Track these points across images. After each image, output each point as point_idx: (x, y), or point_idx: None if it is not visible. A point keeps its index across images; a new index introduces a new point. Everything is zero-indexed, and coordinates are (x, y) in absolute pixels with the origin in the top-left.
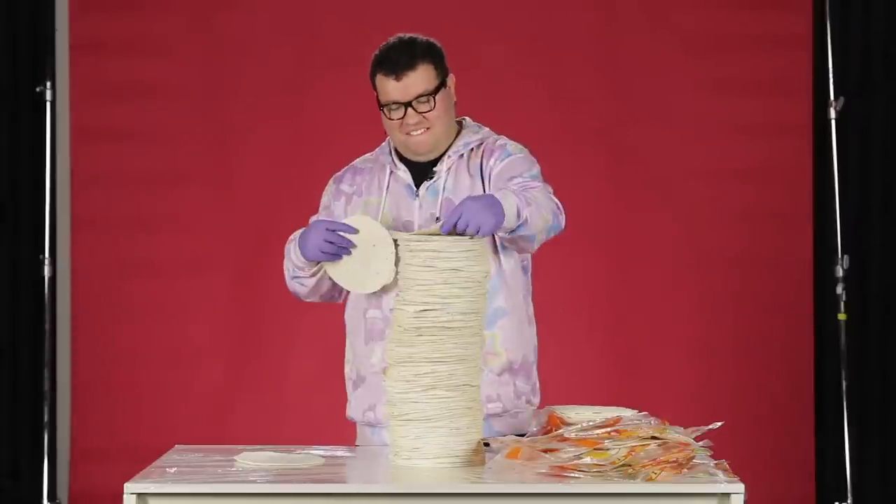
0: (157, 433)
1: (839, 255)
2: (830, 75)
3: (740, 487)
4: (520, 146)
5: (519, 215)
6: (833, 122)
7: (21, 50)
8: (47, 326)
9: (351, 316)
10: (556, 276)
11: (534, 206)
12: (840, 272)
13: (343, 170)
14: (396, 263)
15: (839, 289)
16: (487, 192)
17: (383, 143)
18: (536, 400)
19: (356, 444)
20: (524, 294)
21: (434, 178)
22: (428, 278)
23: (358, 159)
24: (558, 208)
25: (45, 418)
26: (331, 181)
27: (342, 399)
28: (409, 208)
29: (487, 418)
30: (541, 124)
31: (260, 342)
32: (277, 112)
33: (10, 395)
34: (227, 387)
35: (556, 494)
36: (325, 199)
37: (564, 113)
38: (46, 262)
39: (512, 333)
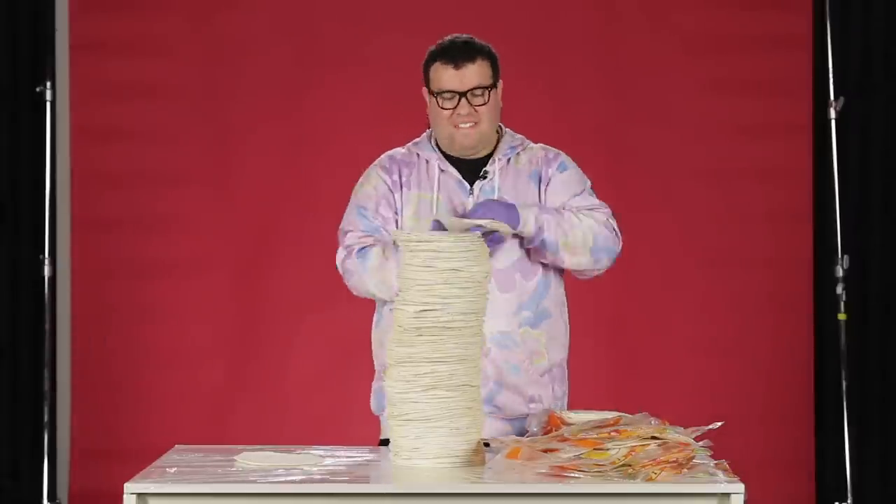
0: (157, 433)
1: (839, 255)
2: (830, 75)
3: (740, 487)
4: (568, 157)
5: (541, 229)
6: (833, 122)
7: (21, 50)
8: (47, 326)
9: (389, 309)
10: None
11: (568, 225)
12: (840, 272)
13: (384, 159)
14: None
15: (839, 289)
16: (544, 199)
17: (421, 139)
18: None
19: (380, 437)
20: (564, 300)
21: (488, 178)
22: (428, 278)
23: (393, 151)
24: (614, 232)
25: (45, 418)
26: (377, 169)
27: (342, 399)
28: (463, 205)
29: (529, 417)
30: (541, 124)
31: (260, 342)
32: (277, 112)
33: (10, 395)
34: (227, 387)
35: (556, 494)
36: (374, 190)
37: (564, 113)
38: (46, 262)
39: (555, 336)
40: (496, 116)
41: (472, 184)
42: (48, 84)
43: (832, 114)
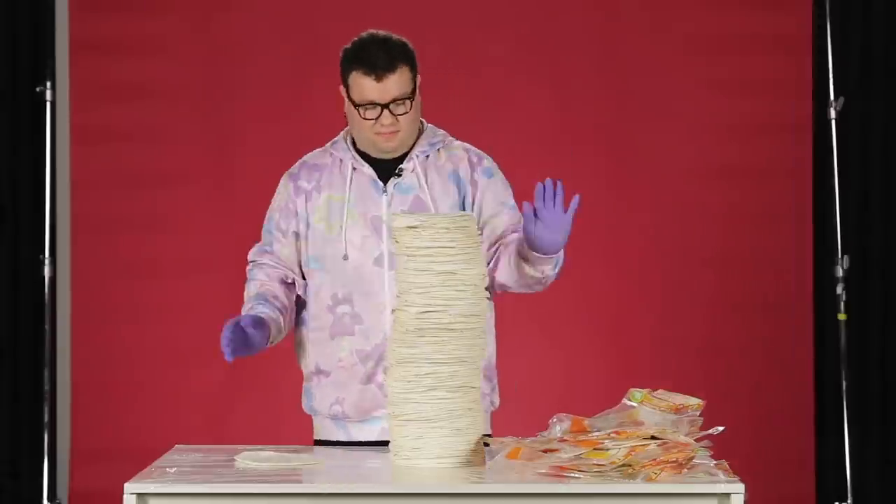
0: (157, 433)
1: (839, 255)
2: (830, 75)
3: (740, 487)
4: (492, 160)
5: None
6: (833, 122)
7: (21, 50)
8: (47, 326)
9: (313, 311)
10: None
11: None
12: (840, 272)
13: (296, 166)
14: None
15: (839, 289)
16: (469, 204)
17: (337, 138)
18: (498, 401)
19: (314, 437)
20: (488, 304)
21: (402, 176)
22: (424, 281)
23: (308, 155)
24: None
25: (45, 418)
26: (285, 179)
27: None
28: (376, 203)
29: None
30: (541, 124)
31: None
32: (277, 112)
33: (10, 395)
34: (227, 387)
35: (556, 494)
36: (280, 199)
37: (564, 113)
38: (46, 262)
39: None
40: (417, 118)
41: (385, 182)
42: (48, 84)
43: (832, 114)
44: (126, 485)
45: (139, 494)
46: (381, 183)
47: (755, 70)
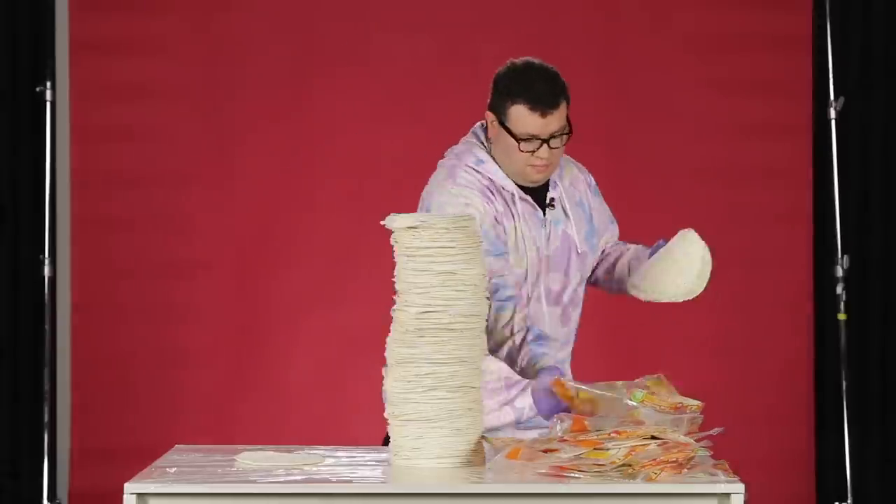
0: (157, 433)
1: (839, 255)
2: (830, 75)
3: (740, 487)
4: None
5: None
6: (833, 122)
7: (21, 50)
8: (47, 326)
9: None
10: None
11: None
12: (840, 272)
13: (473, 183)
14: None
15: (839, 289)
16: (589, 221)
17: (488, 164)
18: None
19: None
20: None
21: (555, 207)
22: (424, 281)
23: (467, 174)
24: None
25: (45, 418)
26: (481, 197)
27: (343, 399)
28: (539, 236)
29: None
30: None
31: (260, 342)
32: (277, 112)
33: (10, 395)
34: (228, 387)
35: (556, 494)
36: (486, 215)
37: None
38: (46, 262)
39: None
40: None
41: (542, 211)
42: (48, 84)
43: (832, 114)
44: (126, 485)
45: (139, 494)
46: (542, 214)
47: (755, 70)
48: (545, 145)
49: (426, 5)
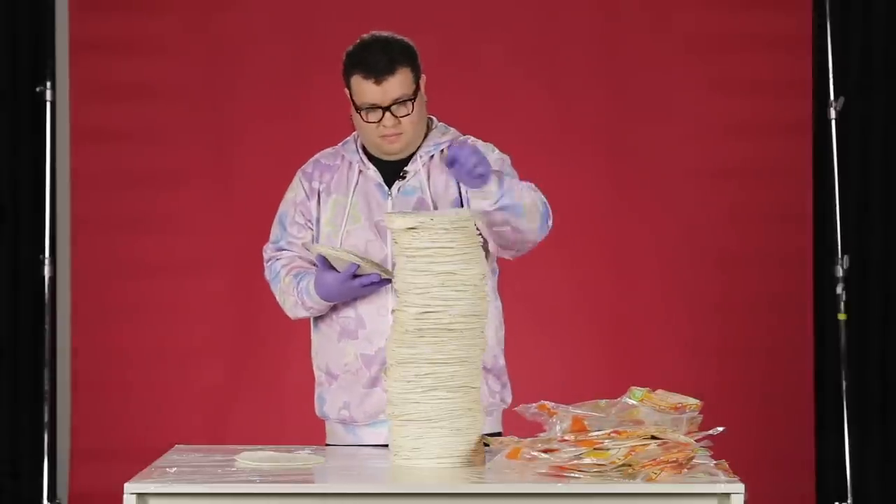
0: (157, 433)
1: (839, 255)
2: (830, 75)
3: (740, 487)
4: (492, 146)
5: (500, 184)
6: (833, 122)
7: (21, 50)
8: (47, 326)
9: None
10: (555, 276)
11: (517, 189)
12: (840, 272)
13: (309, 164)
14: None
15: (839, 289)
16: (464, 190)
17: (348, 139)
18: (509, 399)
19: (326, 442)
20: (494, 297)
21: (407, 178)
22: (424, 282)
23: (321, 153)
24: (545, 205)
25: (45, 418)
26: (299, 176)
27: None
28: (380, 207)
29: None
30: (541, 124)
31: (260, 342)
32: (277, 112)
33: (10, 395)
34: (227, 387)
35: (556, 494)
36: (295, 195)
37: (564, 112)
38: (46, 262)
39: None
40: (422, 118)
41: (391, 184)
42: (48, 84)
43: (832, 114)
44: (126, 485)
45: (139, 494)
46: (386, 187)
47: (755, 70)
48: (388, 113)
49: (426, 5)
